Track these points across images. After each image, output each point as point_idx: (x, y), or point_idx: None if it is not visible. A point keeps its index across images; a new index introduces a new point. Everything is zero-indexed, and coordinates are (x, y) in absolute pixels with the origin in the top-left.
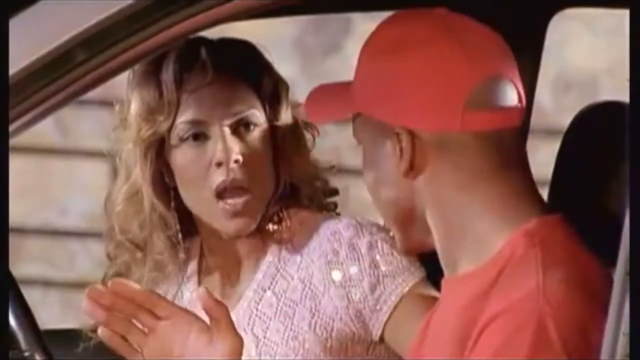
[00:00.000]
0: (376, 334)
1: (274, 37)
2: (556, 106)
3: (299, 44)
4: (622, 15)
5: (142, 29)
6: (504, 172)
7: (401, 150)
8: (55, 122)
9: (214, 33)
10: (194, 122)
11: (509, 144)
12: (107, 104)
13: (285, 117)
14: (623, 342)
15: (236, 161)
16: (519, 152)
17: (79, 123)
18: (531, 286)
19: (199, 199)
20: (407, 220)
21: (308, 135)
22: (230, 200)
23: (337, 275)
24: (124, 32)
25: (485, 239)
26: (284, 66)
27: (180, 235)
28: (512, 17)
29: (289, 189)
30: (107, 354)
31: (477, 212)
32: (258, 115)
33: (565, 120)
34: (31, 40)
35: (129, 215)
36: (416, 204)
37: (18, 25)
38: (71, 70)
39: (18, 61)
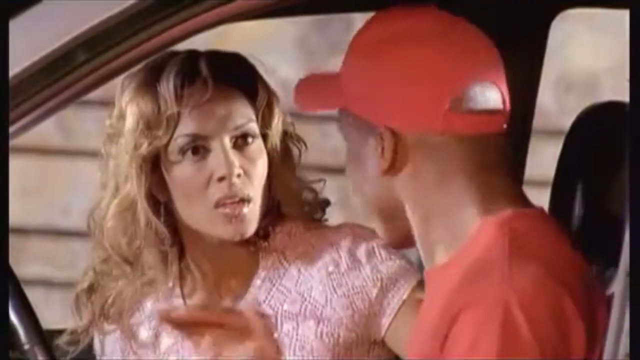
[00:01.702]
0: (379, 336)
1: (276, 38)
2: (558, 107)
3: (301, 44)
4: (624, 16)
5: (143, 29)
6: (484, 172)
7: (382, 149)
8: (57, 123)
9: (215, 33)
10: (194, 136)
11: (490, 146)
12: (108, 104)
13: (276, 129)
14: (623, 342)
15: (238, 175)
16: (501, 153)
17: (81, 123)
18: (496, 275)
19: (196, 210)
20: (389, 215)
21: (295, 150)
22: (230, 207)
23: (340, 285)
24: (126, 33)
25: (461, 229)
26: (286, 66)
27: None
28: (514, 18)
29: (274, 203)
30: None
31: (454, 207)
32: (255, 128)
33: (567, 121)
34: (33, 41)
35: (119, 231)
36: (397, 200)
37: (20, 26)
38: (73, 70)
39: (20, 62)
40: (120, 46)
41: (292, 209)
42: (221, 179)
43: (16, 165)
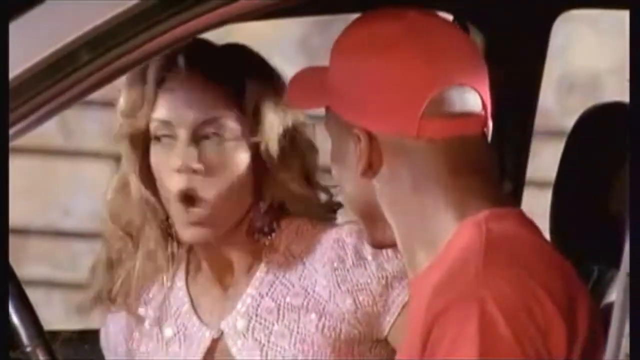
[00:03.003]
0: (382, 335)
1: (279, 38)
2: (560, 107)
3: (303, 44)
4: (626, 16)
5: (146, 29)
6: (460, 175)
7: (360, 150)
8: (58, 123)
9: (218, 34)
10: (163, 122)
11: (468, 149)
12: (111, 105)
13: (271, 132)
14: (623, 342)
15: (194, 171)
16: (479, 155)
17: (83, 124)
18: (471, 273)
19: (167, 200)
20: (371, 216)
21: (300, 151)
22: (189, 209)
23: (344, 281)
24: (129, 33)
25: (439, 234)
26: (289, 67)
27: (169, 224)
28: (516, 19)
29: (277, 204)
30: None
31: (431, 212)
32: (232, 125)
33: (569, 122)
34: (36, 41)
35: (119, 205)
36: (377, 202)
37: (23, 26)
38: (76, 71)
39: (23, 62)
40: (123, 46)
41: (298, 208)
42: (178, 171)
43: (18, 165)
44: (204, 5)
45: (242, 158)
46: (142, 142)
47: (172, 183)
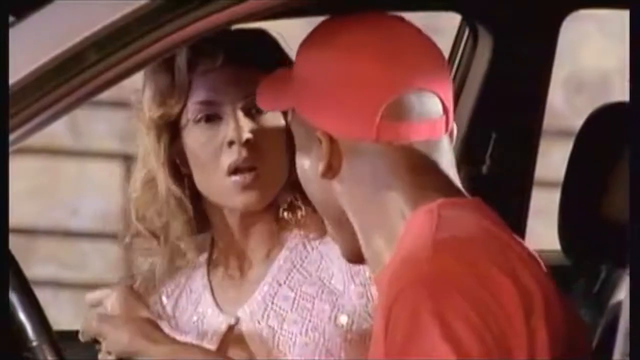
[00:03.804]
0: None
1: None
2: (568, 107)
3: None
4: None
5: (154, 29)
6: (418, 175)
7: (320, 152)
8: (67, 123)
9: None
10: (206, 103)
11: (428, 152)
12: (119, 105)
13: None
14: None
15: (247, 140)
16: (439, 158)
17: (91, 124)
18: (422, 257)
19: (210, 179)
20: (339, 222)
21: None
22: (240, 174)
23: (358, 274)
24: (137, 33)
25: (398, 229)
26: None
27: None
28: (524, 19)
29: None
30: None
31: (389, 209)
32: None
33: (578, 122)
34: (44, 41)
35: (146, 202)
36: (339, 203)
37: (31, 27)
38: (84, 71)
39: (31, 62)
40: (132, 46)
41: None
42: (231, 143)
43: (26, 165)
44: (211, 6)
45: (280, 128)
46: (169, 130)
47: (223, 158)
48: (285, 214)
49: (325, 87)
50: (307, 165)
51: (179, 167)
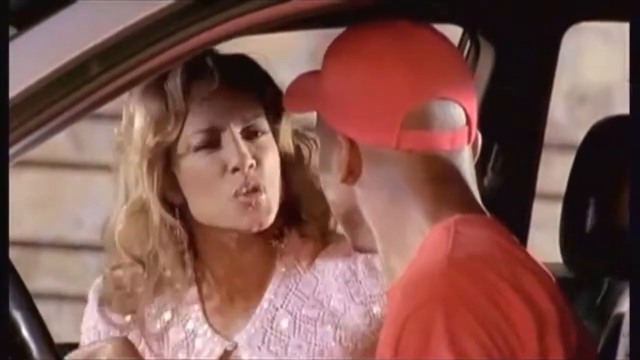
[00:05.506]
0: None
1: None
2: (570, 119)
3: (314, 57)
4: None
5: (156, 41)
6: (437, 185)
7: (341, 157)
8: (69, 135)
9: (228, 46)
10: (208, 131)
11: (447, 162)
12: (120, 117)
13: (285, 127)
14: (623, 342)
15: (251, 166)
16: (459, 168)
17: (93, 136)
18: (437, 274)
19: (213, 203)
20: (353, 222)
21: (306, 149)
22: (246, 196)
23: (357, 293)
24: (139, 45)
25: (414, 241)
26: None
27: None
28: (526, 31)
29: (290, 203)
30: None
31: (407, 219)
32: (264, 123)
33: (580, 134)
34: (47, 53)
35: (130, 234)
36: (359, 207)
37: (34, 38)
38: (86, 83)
39: (34, 74)
40: (134, 58)
41: (316, 204)
42: (235, 170)
43: (29, 178)
44: (215, 18)
45: (275, 151)
46: (163, 159)
47: (226, 184)
48: (275, 239)
49: (348, 91)
50: (328, 171)
51: (168, 197)
